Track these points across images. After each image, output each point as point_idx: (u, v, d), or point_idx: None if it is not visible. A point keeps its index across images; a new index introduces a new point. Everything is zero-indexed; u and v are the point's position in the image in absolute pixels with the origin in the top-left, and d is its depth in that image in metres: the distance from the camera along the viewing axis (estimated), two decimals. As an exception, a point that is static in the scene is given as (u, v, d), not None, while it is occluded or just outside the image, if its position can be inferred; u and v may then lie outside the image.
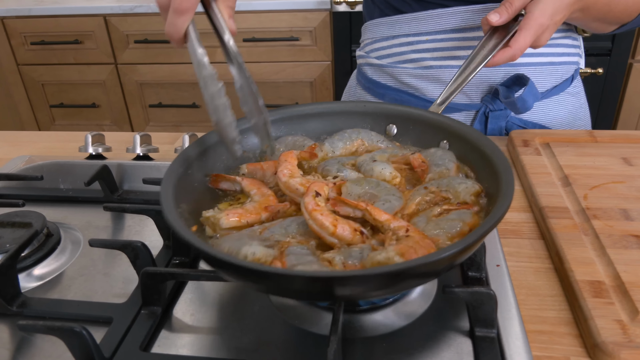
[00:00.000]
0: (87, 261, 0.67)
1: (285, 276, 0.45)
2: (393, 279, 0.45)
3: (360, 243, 0.53)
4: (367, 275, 0.43)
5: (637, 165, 0.77)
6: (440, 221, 0.55)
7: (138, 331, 0.54)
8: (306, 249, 0.52)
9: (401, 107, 0.71)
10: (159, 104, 2.45)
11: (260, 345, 0.54)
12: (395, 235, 0.51)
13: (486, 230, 0.47)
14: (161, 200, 0.53)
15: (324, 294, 0.48)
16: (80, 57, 2.39)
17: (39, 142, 1.00)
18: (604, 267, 0.58)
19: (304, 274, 0.46)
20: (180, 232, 0.48)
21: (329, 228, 0.52)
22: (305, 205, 0.55)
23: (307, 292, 0.49)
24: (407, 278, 0.46)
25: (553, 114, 0.98)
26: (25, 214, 0.69)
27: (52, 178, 0.81)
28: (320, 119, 0.74)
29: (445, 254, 0.44)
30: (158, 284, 0.56)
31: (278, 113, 0.73)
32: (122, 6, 2.23)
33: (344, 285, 0.45)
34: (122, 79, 2.42)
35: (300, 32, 2.19)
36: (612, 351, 0.48)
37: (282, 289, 0.49)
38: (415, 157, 0.65)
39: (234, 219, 0.56)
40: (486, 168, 0.59)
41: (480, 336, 0.52)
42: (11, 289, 0.59)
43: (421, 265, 0.44)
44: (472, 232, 0.49)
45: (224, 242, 0.54)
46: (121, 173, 0.81)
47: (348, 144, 0.71)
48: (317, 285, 0.45)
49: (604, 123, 2.25)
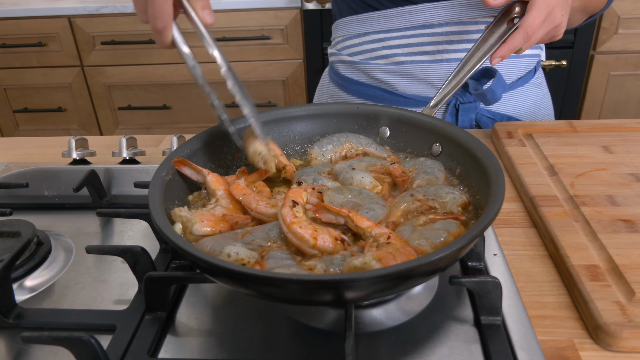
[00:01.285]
0: (81, 269, 0.65)
1: (285, 280, 0.44)
2: (396, 280, 0.45)
3: (341, 251, 0.52)
4: (371, 277, 0.43)
5: (617, 153, 0.80)
6: (425, 230, 0.54)
7: (144, 337, 0.53)
8: (287, 253, 0.52)
9: (394, 108, 0.72)
10: (128, 106, 2.40)
11: (269, 343, 0.54)
12: (376, 242, 0.51)
13: (485, 225, 0.48)
14: (150, 205, 0.52)
15: (333, 298, 0.47)
16: (44, 60, 2.32)
17: (16, 148, 0.96)
18: (597, 251, 0.60)
19: (315, 277, 0.46)
20: (180, 244, 0.47)
21: (310, 241, 0.51)
22: (283, 218, 0.53)
23: (311, 296, 0.48)
24: (413, 277, 0.46)
25: (519, 104, 1.02)
26: (12, 223, 0.67)
27: (36, 185, 0.79)
28: (312, 120, 0.74)
29: (449, 250, 0.45)
30: (162, 288, 0.55)
31: (269, 114, 0.73)
32: (87, 7, 2.17)
33: (347, 288, 0.44)
34: (89, 81, 2.36)
35: (271, 30, 2.18)
36: (614, 331, 0.50)
37: (285, 295, 0.48)
38: (395, 167, 0.65)
39: (208, 229, 0.55)
40: (478, 171, 0.60)
41: (487, 324, 0.53)
42: (6, 301, 0.57)
43: (422, 265, 0.44)
44: (472, 228, 0.49)
45: (205, 243, 0.53)
46: (109, 178, 0.79)
47: (337, 147, 0.71)
48: (323, 289, 0.45)
49: (569, 113, 2.32)
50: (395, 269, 0.43)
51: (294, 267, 0.48)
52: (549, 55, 2.16)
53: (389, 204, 0.60)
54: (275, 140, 0.72)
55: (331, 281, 0.43)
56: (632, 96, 2.27)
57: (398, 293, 0.56)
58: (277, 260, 0.49)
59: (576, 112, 2.34)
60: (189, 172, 0.62)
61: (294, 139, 0.74)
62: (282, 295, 0.47)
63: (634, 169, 0.75)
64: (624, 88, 2.23)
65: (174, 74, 2.30)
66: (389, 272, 0.42)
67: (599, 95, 2.26)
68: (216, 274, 0.46)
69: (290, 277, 0.43)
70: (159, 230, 0.49)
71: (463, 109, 0.96)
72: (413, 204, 0.58)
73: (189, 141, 0.66)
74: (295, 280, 0.43)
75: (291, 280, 0.43)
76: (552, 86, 2.29)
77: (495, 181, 0.54)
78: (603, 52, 2.15)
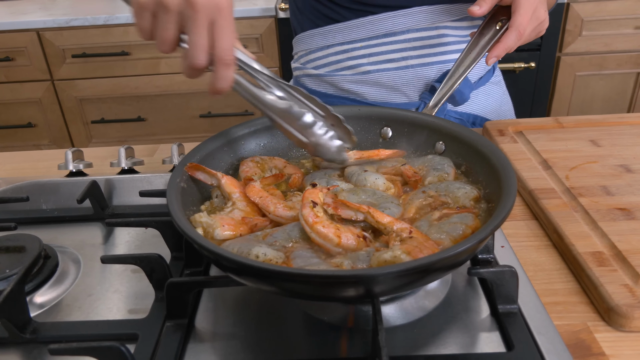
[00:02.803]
0: (92, 280, 0.64)
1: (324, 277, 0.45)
2: (425, 271, 0.46)
3: (364, 247, 0.54)
4: (405, 269, 0.44)
5: (604, 146, 0.83)
6: (443, 224, 0.56)
7: (167, 345, 0.53)
8: (311, 252, 0.53)
9: (395, 110, 0.74)
10: (101, 119, 2.36)
11: (291, 341, 0.54)
12: (399, 237, 0.53)
13: (504, 215, 0.50)
14: (171, 211, 0.52)
15: (364, 293, 0.48)
16: (12, 75, 2.26)
17: (5, 163, 0.94)
18: (599, 239, 0.63)
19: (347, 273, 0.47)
20: (205, 244, 0.48)
21: (334, 239, 0.52)
22: (305, 219, 0.53)
23: (342, 292, 0.49)
24: (435, 270, 0.48)
25: (483, 103, 1.06)
26: (18, 238, 0.66)
27: (35, 199, 0.77)
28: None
29: (475, 240, 0.46)
30: (184, 294, 0.55)
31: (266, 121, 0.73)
32: (56, 20, 2.13)
33: (381, 282, 0.46)
34: (60, 95, 2.31)
35: (246, 39, 2.18)
36: (626, 312, 0.52)
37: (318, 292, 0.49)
38: (407, 168, 0.66)
39: (229, 233, 0.56)
40: (484, 166, 0.62)
41: (504, 312, 0.55)
42: (22, 316, 0.55)
43: (447, 258, 0.46)
44: (493, 218, 0.52)
45: (231, 246, 0.53)
46: (109, 188, 0.78)
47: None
48: (359, 284, 0.46)
49: (539, 112, 2.40)
50: (427, 261, 0.44)
51: (323, 265, 0.49)
52: (517, 58, 2.23)
53: (402, 202, 0.61)
54: (280, 144, 0.73)
55: (368, 275, 0.44)
56: (597, 95, 2.36)
57: (422, 286, 0.58)
58: (304, 259, 0.50)
59: (545, 111, 2.43)
60: (203, 177, 0.62)
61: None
62: (314, 293, 0.47)
63: (622, 161, 0.79)
64: (589, 87, 2.32)
65: (148, 86, 2.28)
66: (421, 264, 0.44)
67: (566, 95, 2.35)
68: (251, 274, 0.47)
69: (330, 274, 0.44)
70: (184, 234, 0.49)
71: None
72: (426, 200, 0.60)
73: (197, 148, 0.66)
74: (332, 276, 0.44)
75: (329, 276, 0.44)
76: (522, 87, 2.36)
77: (506, 173, 0.57)
78: (568, 54, 2.24)
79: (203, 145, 0.67)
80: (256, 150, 0.72)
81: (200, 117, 2.35)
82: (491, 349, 0.52)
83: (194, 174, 0.62)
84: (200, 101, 2.34)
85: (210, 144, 0.67)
